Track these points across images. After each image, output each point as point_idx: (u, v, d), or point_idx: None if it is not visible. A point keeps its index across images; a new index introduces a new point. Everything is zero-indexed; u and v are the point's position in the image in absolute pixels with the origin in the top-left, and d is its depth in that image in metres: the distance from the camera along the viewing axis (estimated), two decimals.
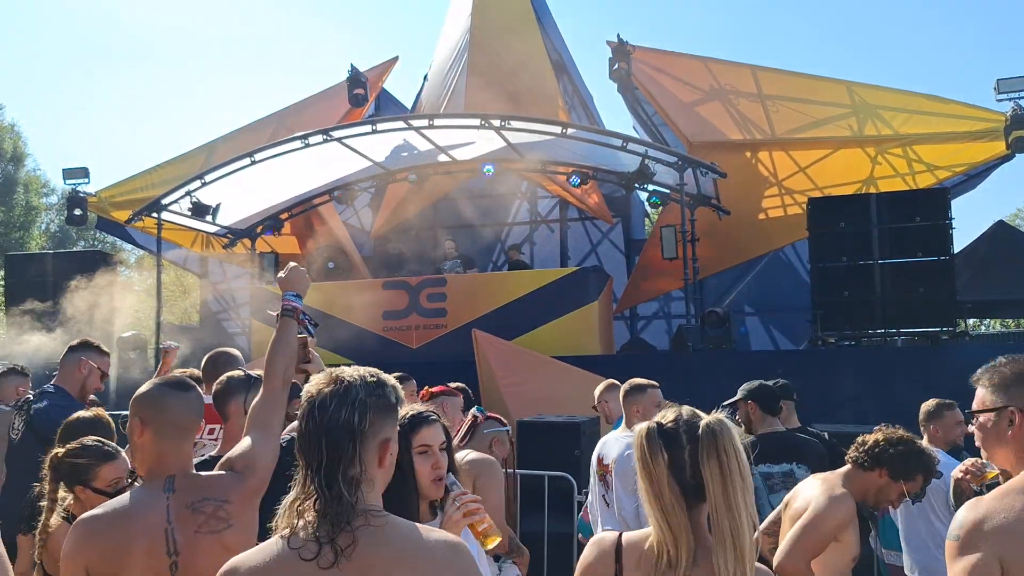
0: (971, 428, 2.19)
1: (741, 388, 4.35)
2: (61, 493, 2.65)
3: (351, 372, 1.72)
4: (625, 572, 1.85)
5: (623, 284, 13.71)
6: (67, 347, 4.40)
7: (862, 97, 11.90)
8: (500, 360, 9.07)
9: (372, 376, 1.74)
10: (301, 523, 1.60)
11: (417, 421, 2.38)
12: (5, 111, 35.16)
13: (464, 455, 3.80)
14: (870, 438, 3.05)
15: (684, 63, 13.24)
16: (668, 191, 11.19)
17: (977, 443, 2.18)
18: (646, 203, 12.74)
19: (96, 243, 34.38)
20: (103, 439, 2.85)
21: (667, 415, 1.88)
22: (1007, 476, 2.11)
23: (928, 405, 4.61)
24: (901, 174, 11.69)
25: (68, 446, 2.71)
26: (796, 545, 2.78)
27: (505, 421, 4.46)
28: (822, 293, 9.13)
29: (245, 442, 2.36)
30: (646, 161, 10.20)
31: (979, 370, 2.19)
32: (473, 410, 4.52)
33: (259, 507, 2.23)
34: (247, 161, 10.87)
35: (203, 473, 2.29)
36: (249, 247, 13.21)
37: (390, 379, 1.77)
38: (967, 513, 1.95)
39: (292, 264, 2.74)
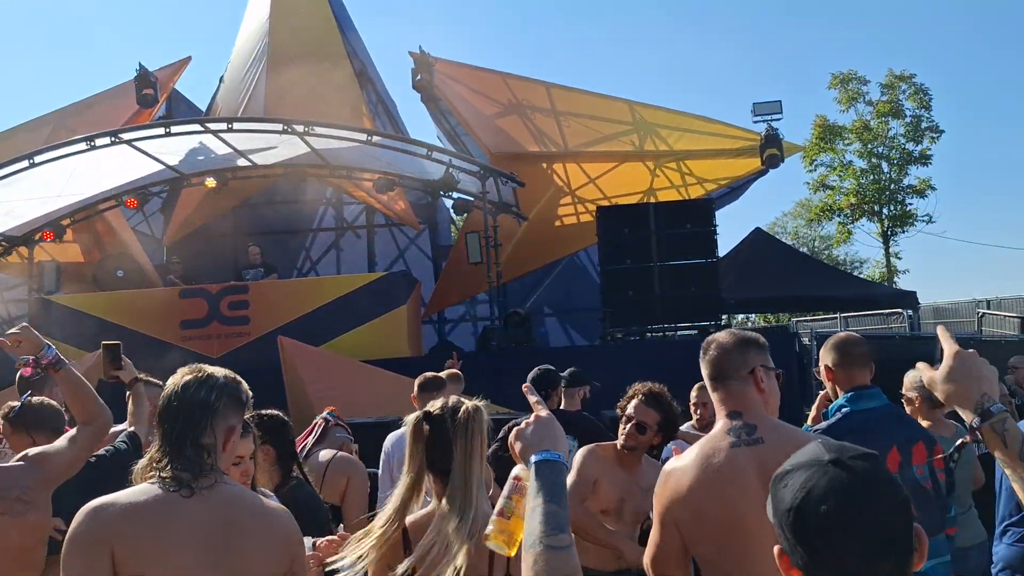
0: None
1: (529, 375, 4.96)
2: None
3: (213, 368, 2.05)
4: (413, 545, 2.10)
5: (431, 288, 14.06)
6: None
7: (642, 116, 13.10)
8: (307, 366, 9.08)
9: (231, 375, 2.06)
10: (161, 475, 1.87)
11: None
12: None
13: (331, 453, 3.96)
14: None
15: (484, 77, 13.87)
16: (472, 199, 11.69)
17: None
18: (451, 210, 13.20)
19: None
20: None
21: (436, 404, 2.22)
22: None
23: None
24: (676, 186, 12.99)
25: None
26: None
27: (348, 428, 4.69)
28: (610, 293, 9.99)
29: (51, 445, 2.75)
30: (450, 170, 10.63)
31: None
32: (324, 414, 4.68)
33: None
34: (25, 163, 10.08)
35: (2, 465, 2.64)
36: (27, 255, 12.16)
37: (244, 383, 2.09)
38: (663, 468, 2.40)
39: (18, 329, 2.92)
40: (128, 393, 3.49)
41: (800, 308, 16.46)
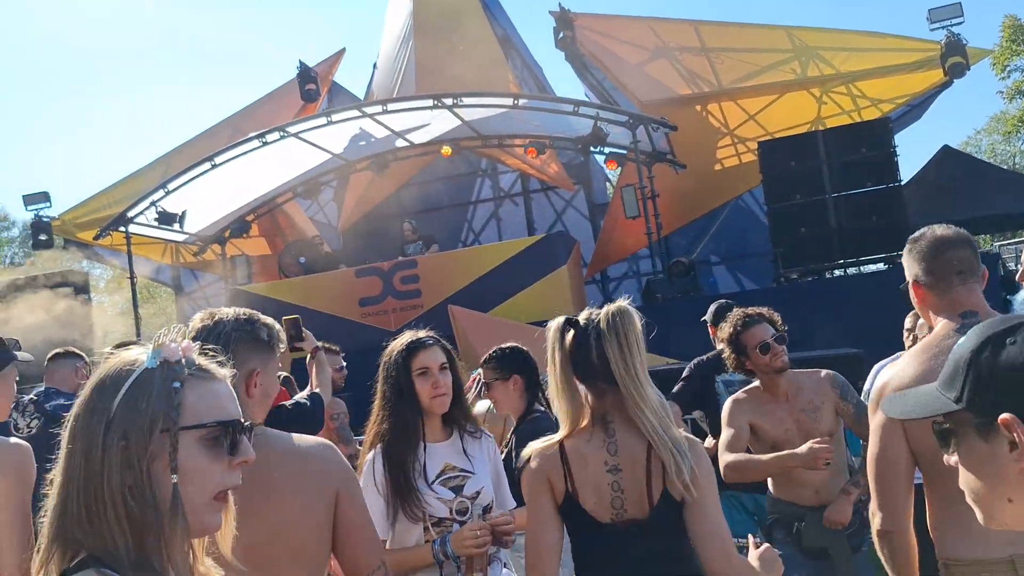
0: None
1: (708, 310, 4.85)
2: None
3: (226, 311, 1.90)
4: (575, 469, 2.03)
5: (591, 249, 13.96)
6: (53, 355, 4.62)
7: (802, 40, 12.20)
8: (477, 332, 9.30)
9: (244, 314, 1.90)
10: None
11: (415, 346, 2.62)
12: None
13: (486, 404, 4.02)
14: None
15: (627, 25, 13.46)
16: (624, 151, 11.42)
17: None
18: (604, 166, 12.97)
19: (62, 263, 34.05)
20: None
21: (582, 314, 2.12)
22: None
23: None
24: (847, 111, 12.03)
25: None
26: None
27: None
28: (780, 232, 9.44)
29: None
30: (598, 123, 10.42)
31: None
32: (476, 371, 4.81)
33: None
34: (208, 166, 10.95)
35: None
36: (219, 252, 13.27)
37: (265, 319, 1.92)
38: (877, 380, 2.24)
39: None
40: (309, 361, 3.74)
41: (1002, 229, 14.87)
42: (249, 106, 14.91)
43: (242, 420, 1.13)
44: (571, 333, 2.06)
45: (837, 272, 9.69)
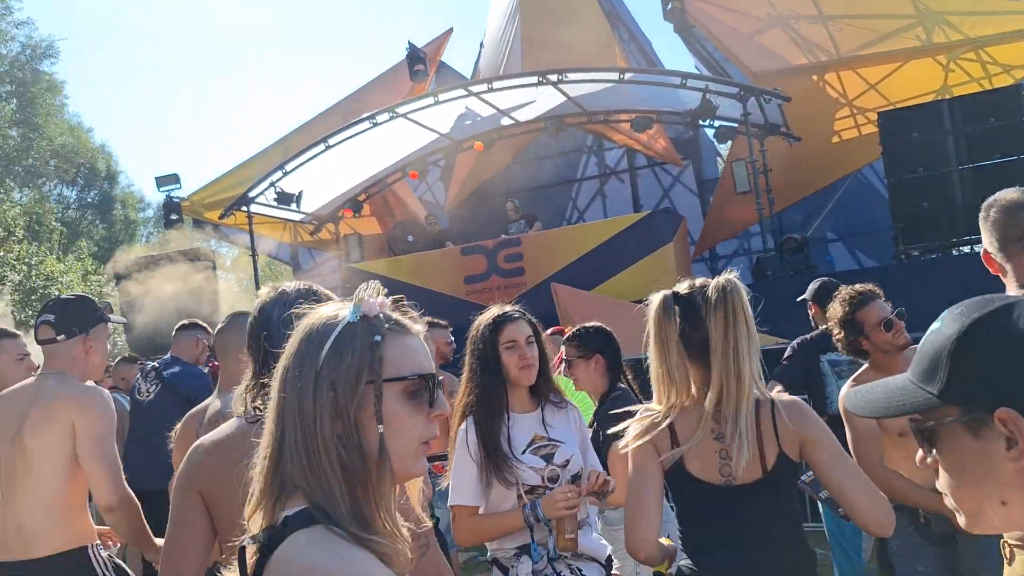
0: None
1: (808, 288, 4.65)
2: None
3: (292, 284, 1.98)
4: (681, 436, 2.07)
5: (700, 225, 13.67)
6: (179, 326, 4.94)
7: (927, 5, 11.47)
8: (581, 310, 9.30)
9: (306, 286, 1.97)
10: (250, 406, 1.85)
11: (501, 319, 2.70)
12: (94, 133, 37.18)
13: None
14: None
15: None
16: (734, 124, 11.09)
17: None
18: (714, 140, 12.64)
19: (190, 241, 36.13)
20: None
21: (682, 285, 2.11)
22: None
23: None
24: (976, 79, 11.23)
25: None
26: None
27: None
28: (901, 207, 8.97)
29: None
30: (707, 95, 10.17)
31: None
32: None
33: None
34: (322, 147, 11.36)
35: None
36: (333, 231, 13.78)
37: (324, 291, 1.97)
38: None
39: None
40: None
41: None
42: (361, 88, 15.34)
43: (437, 375, 1.17)
44: (675, 306, 2.05)
45: (964, 249, 9.13)
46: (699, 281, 2.11)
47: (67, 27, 60.45)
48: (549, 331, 5.25)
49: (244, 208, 11.88)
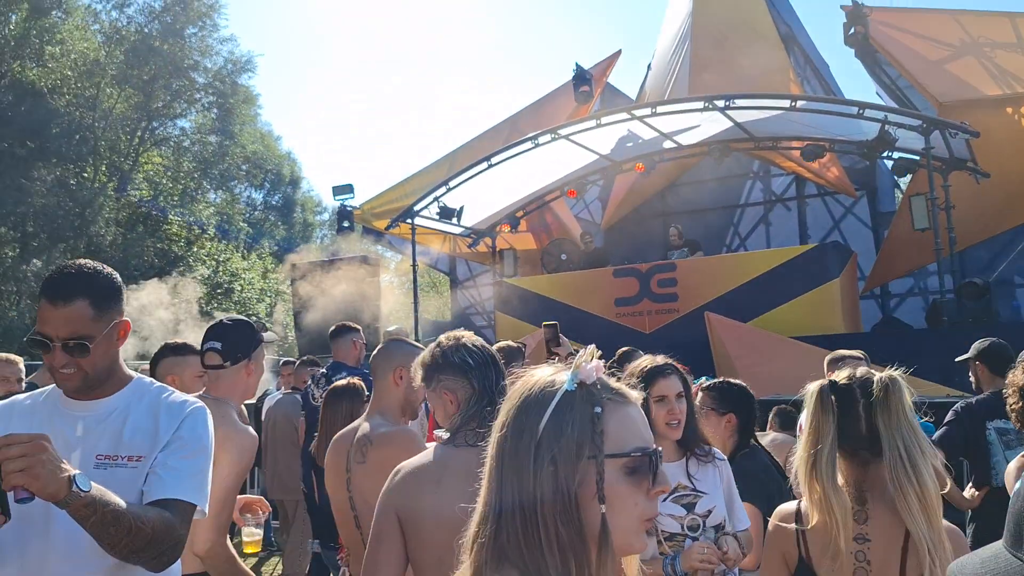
0: None
1: (973, 346, 4.28)
2: None
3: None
4: (810, 535, 1.95)
5: (872, 260, 12.90)
6: (333, 330, 5.25)
7: None
8: (735, 341, 9.05)
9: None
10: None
11: (654, 372, 2.71)
12: (282, 141, 40.19)
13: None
14: None
15: (929, 19, 12.20)
16: (916, 157, 10.40)
17: None
18: (892, 172, 11.90)
19: (359, 251, 38.29)
20: None
21: (841, 373, 2.00)
22: None
23: None
24: None
25: None
26: None
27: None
28: None
29: None
30: (886, 127, 9.60)
31: None
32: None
33: None
34: (484, 165, 11.70)
35: None
36: (490, 245, 14.14)
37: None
38: None
39: None
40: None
41: None
42: (527, 107, 15.66)
43: (659, 449, 1.11)
44: (832, 397, 1.97)
45: None
46: (859, 371, 2.00)
47: (263, 42, 65.84)
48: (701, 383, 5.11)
49: (408, 221, 12.43)
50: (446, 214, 12.40)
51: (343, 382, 4.16)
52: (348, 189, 14.92)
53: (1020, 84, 11.08)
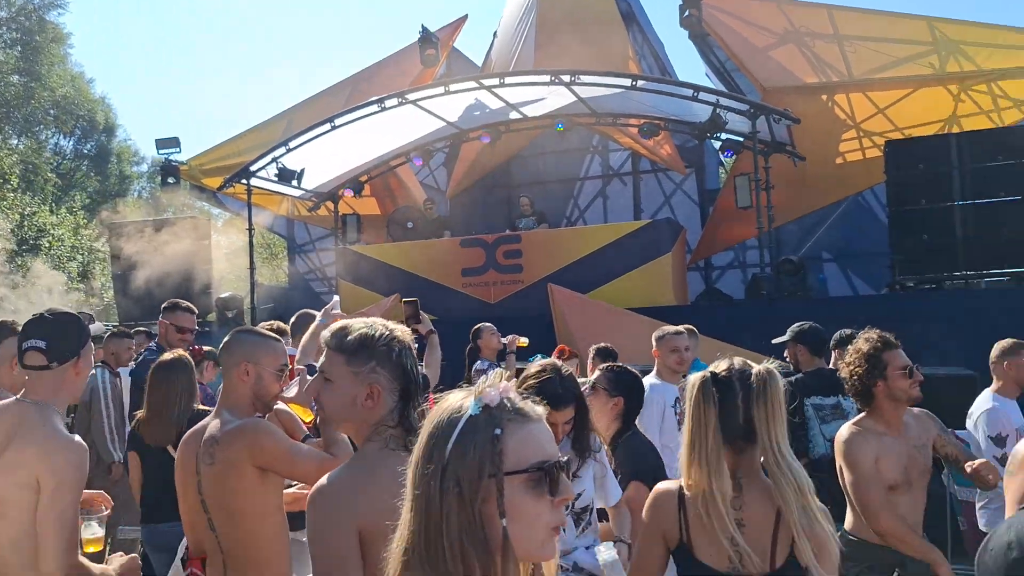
0: None
1: (790, 329, 4.69)
2: None
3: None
4: (691, 518, 2.08)
5: (697, 234, 13.72)
6: (166, 308, 5.03)
7: (944, 33, 11.50)
8: (575, 313, 9.36)
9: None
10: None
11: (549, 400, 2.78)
12: (95, 84, 36.76)
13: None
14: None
15: (757, 7, 12.96)
16: (741, 139, 11.11)
17: None
18: (719, 152, 12.66)
19: (185, 208, 35.96)
20: None
21: (720, 365, 2.11)
22: None
23: (1004, 343, 4.65)
24: (986, 111, 11.29)
25: None
26: None
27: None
28: (900, 237, 9.04)
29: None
30: (717, 110, 10.18)
31: None
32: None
33: None
34: (327, 127, 11.30)
35: None
36: (332, 209, 13.74)
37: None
38: (1020, 447, 2.17)
39: None
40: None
41: None
42: (371, 67, 15.25)
43: (560, 460, 1.19)
44: (713, 389, 2.07)
45: (958, 284, 9.21)
46: (737, 362, 2.11)
47: None
48: (555, 351, 5.29)
49: (244, 181, 11.82)
50: (285, 176, 11.89)
51: (168, 356, 3.98)
52: (174, 143, 13.96)
53: (835, 73, 12.06)
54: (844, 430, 3.26)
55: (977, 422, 4.37)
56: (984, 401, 4.50)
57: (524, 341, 6.10)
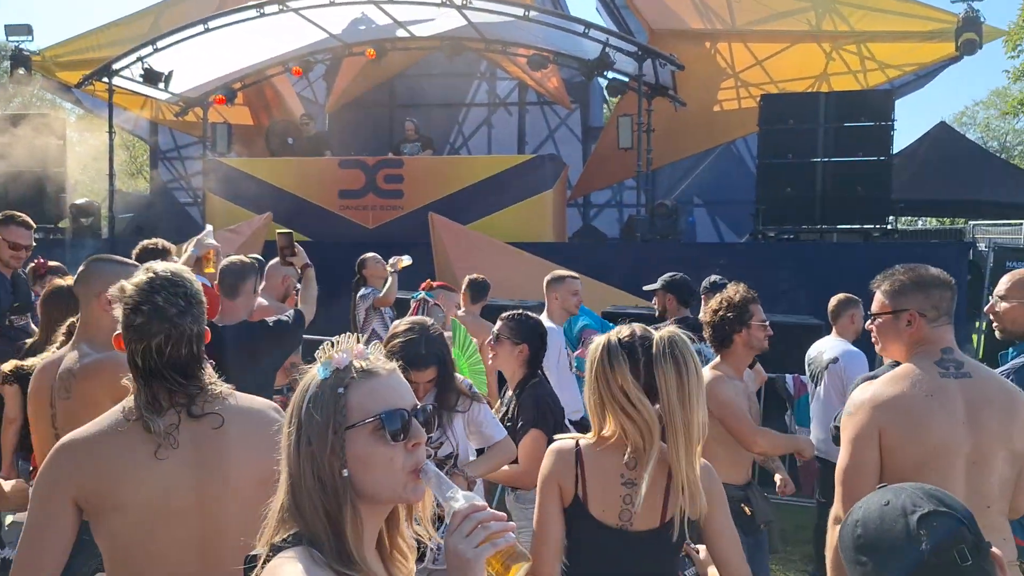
0: (870, 326, 2.60)
1: (661, 278, 4.88)
2: None
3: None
4: (587, 475, 2.13)
5: (579, 171, 13.90)
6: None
7: None
8: (455, 244, 9.34)
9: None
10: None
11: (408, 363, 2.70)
12: None
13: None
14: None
15: None
16: (627, 79, 11.23)
17: (874, 339, 2.58)
18: (605, 91, 12.76)
19: (35, 99, 32.87)
20: None
21: (622, 331, 2.17)
22: (894, 367, 2.52)
23: (835, 299, 5.02)
24: (853, 71, 11.89)
25: None
26: None
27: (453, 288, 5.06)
28: (766, 188, 9.50)
29: None
30: (607, 49, 10.22)
31: (877, 277, 2.57)
32: (423, 294, 4.97)
33: None
34: (200, 28, 10.54)
35: None
36: (201, 116, 12.94)
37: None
38: (859, 393, 2.38)
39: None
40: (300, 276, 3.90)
41: (980, 214, 15.07)
42: None
43: (406, 409, 1.26)
44: (621, 352, 2.11)
45: (813, 236, 9.83)
46: (637, 329, 2.17)
47: None
48: (436, 284, 5.26)
49: (106, 80, 10.93)
50: (152, 78, 11.05)
51: (61, 282, 3.73)
52: (26, 30, 12.73)
53: (719, 21, 12.32)
54: (707, 373, 3.46)
55: (844, 366, 4.62)
56: (841, 343, 4.80)
57: (407, 260, 6.04)
